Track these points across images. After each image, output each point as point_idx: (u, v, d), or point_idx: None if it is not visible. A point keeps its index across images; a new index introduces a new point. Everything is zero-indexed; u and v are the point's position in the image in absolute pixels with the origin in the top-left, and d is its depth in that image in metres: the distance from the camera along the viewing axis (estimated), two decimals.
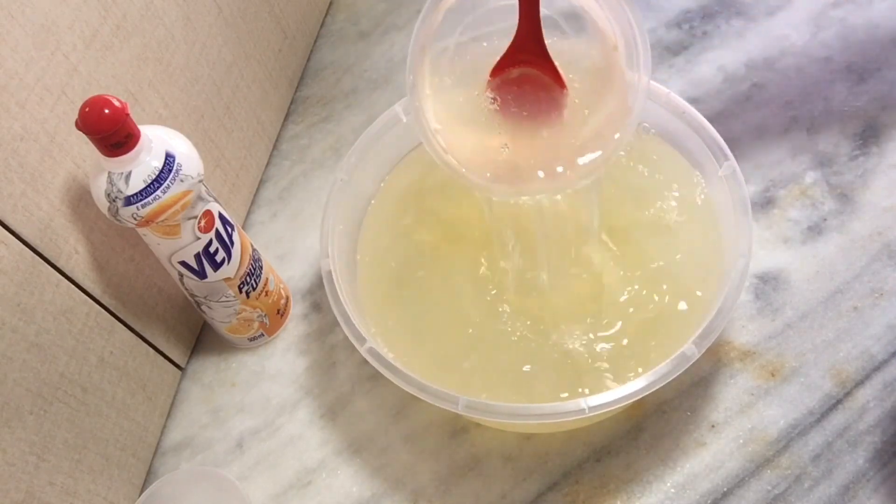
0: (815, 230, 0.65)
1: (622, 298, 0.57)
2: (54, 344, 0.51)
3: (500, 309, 0.58)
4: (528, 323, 0.58)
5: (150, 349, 0.62)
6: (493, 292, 0.59)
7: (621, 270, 0.59)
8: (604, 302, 0.58)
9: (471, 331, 0.58)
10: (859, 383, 0.58)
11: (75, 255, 0.53)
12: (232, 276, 0.59)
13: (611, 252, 0.60)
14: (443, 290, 0.60)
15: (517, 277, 0.59)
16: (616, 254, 0.60)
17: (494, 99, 0.52)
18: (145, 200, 0.50)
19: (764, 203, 0.67)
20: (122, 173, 0.49)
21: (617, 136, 0.49)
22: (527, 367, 0.56)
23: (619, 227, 0.61)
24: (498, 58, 0.51)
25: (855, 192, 0.67)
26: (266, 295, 0.63)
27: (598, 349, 0.56)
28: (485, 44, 0.52)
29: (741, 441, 0.57)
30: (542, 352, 0.57)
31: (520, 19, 0.49)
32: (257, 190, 0.76)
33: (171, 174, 0.50)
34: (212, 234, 0.56)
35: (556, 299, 0.59)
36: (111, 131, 0.47)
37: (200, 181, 0.53)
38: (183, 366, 0.67)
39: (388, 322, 0.58)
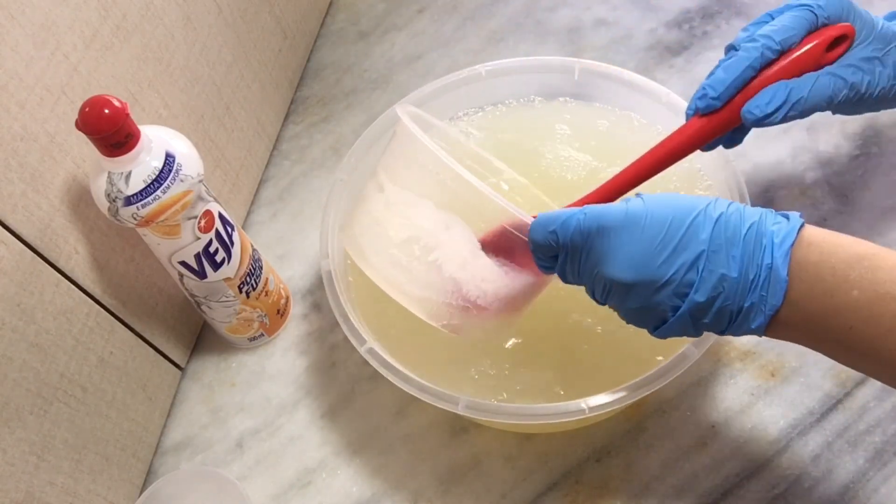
0: None
1: None
2: (54, 344, 0.51)
3: None
4: (530, 319, 0.57)
5: (150, 349, 0.62)
6: None
7: None
8: None
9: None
10: (859, 383, 0.58)
11: (75, 255, 0.53)
12: (232, 276, 0.59)
13: None
14: None
15: None
16: None
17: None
18: (145, 200, 0.50)
19: (764, 203, 0.67)
20: (122, 173, 0.49)
21: None
22: (527, 365, 0.56)
23: None
24: None
25: (855, 192, 0.67)
26: (266, 295, 0.63)
27: (600, 347, 0.56)
28: None
29: (741, 441, 0.57)
30: (542, 350, 0.57)
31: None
32: (257, 190, 0.76)
33: (171, 174, 0.50)
34: (212, 234, 0.56)
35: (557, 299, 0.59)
36: (111, 131, 0.47)
37: (200, 181, 0.53)
38: (183, 366, 0.67)
39: (388, 322, 0.58)
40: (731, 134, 0.52)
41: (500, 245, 0.49)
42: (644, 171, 0.50)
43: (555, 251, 0.45)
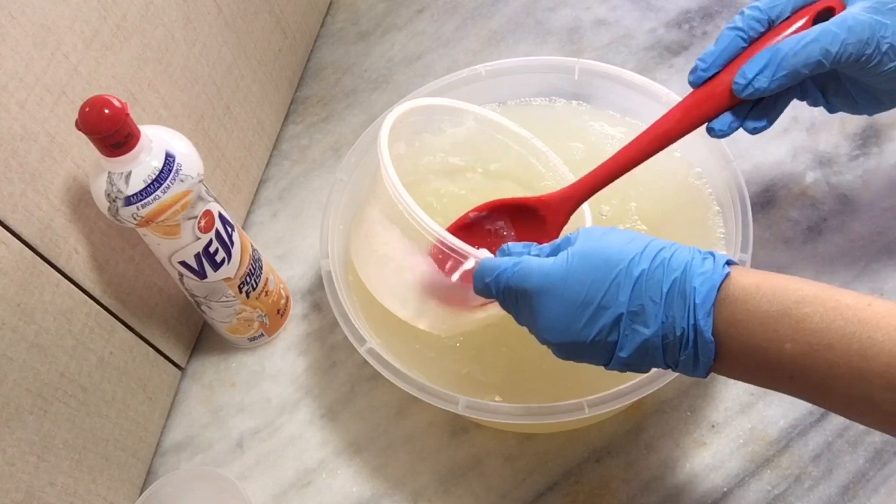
0: (815, 230, 0.65)
1: None
2: (54, 344, 0.51)
3: None
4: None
5: (150, 349, 0.62)
6: None
7: None
8: None
9: (469, 329, 0.58)
10: None
11: (75, 255, 0.53)
12: (232, 276, 0.59)
13: None
14: None
15: None
16: None
17: None
18: (145, 200, 0.50)
19: (764, 203, 0.67)
20: (122, 173, 0.49)
21: None
22: (527, 365, 0.56)
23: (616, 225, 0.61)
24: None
25: (855, 192, 0.67)
26: (266, 295, 0.63)
27: None
28: None
29: (741, 441, 0.57)
30: (541, 350, 0.57)
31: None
32: (257, 190, 0.76)
33: (171, 174, 0.50)
34: (212, 234, 0.56)
35: None
36: (111, 131, 0.47)
37: (200, 181, 0.53)
38: (183, 366, 0.67)
39: (388, 322, 0.58)
40: (747, 117, 0.50)
41: (450, 260, 0.50)
42: (644, 148, 0.51)
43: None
